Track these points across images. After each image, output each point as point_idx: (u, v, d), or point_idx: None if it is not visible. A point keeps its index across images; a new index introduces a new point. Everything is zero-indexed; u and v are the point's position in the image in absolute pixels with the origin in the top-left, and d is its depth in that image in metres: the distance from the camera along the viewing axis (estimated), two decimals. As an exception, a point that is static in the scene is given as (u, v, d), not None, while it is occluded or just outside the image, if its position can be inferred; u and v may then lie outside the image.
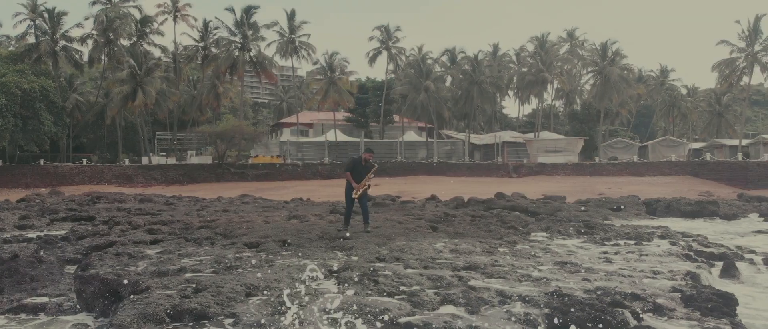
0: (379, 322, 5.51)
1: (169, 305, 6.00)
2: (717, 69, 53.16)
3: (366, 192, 11.95)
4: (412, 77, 52.14)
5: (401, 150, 51.62)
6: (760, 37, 49.33)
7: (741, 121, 57.15)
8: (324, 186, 44.24)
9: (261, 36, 50.56)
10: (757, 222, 20.43)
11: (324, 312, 5.49)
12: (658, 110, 66.95)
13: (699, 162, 48.97)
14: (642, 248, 11.75)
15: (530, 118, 69.99)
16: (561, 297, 6.66)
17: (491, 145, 52.27)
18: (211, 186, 45.54)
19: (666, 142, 56.37)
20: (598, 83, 52.34)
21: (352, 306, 5.84)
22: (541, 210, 20.30)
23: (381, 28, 56.72)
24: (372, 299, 6.42)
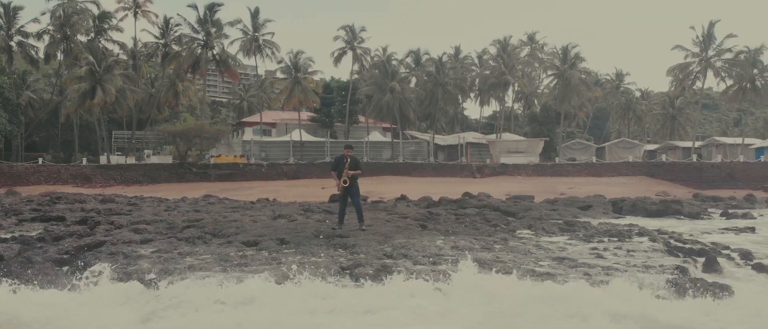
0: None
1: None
2: (671, 73, 55.05)
3: (356, 189, 12.09)
4: (377, 78, 52.28)
5: (367, 150, 51.69)
6: (713, 43, 51.33)
7: (694, 123, 59.32)
8: (290, 186, 43.97)
9: (224, 34, 49.88)
10: (720, 221, 21.28)
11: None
12: (614, 113, 68.89)
13: (655, 163, 50.63)
14: (625, 244, 12.18)
15: (490, 119, 71.06)
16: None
17: (455, 145, 52.90)
18: (173, 186, 44.64)
19: (622, 143, 58.07)
20: (559, 86, 53.53)
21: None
22: (513, 209, 20.70)
23: (346, 28, 56.72)
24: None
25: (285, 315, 5.74)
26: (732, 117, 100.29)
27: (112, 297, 6.45)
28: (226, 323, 5.61)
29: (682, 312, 6.20)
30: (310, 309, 5.97)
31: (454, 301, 6.25)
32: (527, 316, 5.68)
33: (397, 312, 5.88)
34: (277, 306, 5.95)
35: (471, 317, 5.81)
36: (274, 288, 6.61)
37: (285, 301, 6.11)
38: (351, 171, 11.90)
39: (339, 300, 6.26)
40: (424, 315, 5.86)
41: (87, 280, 6.77)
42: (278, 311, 5.85)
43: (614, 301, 6.13)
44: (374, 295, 6.39)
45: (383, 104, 50.70)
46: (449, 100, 53.58)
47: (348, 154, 12.06)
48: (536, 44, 63.90)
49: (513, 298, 6.04)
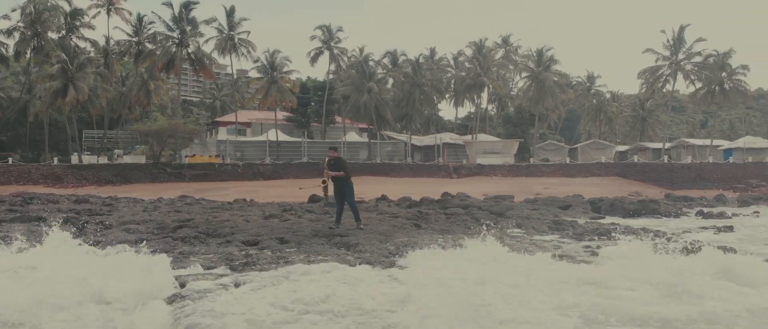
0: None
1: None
2: (643, 76, 56.19)
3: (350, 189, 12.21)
4: (355, 78, 52.22)
5: (344, 150, 51.59)
6: (683, 47, 52.55)
7: (663, 125, 60.64)
8: (267, 186, 43.66)
9: (200, 32, 49.26)
10: (697, 220, 21.85)
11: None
12: (585, 114, 70.00)
13: (627, 163, 51.63)
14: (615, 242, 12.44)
15: (464, 120, 71.56)
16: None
17: (431, 146, 53.16)
18: (147, 186, 43.95)
19: (594, 144, 59.06)
20: (533, 88, 54.18)
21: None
22: (496, 208, 20.94)
23: (323, 28, 56.56)
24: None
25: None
26: (698, 119, 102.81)
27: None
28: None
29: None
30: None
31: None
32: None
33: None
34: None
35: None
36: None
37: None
38: (332, 172, 12.06)
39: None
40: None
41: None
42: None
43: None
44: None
45: (361, 104, 50.68)
46: (426, 100, 53.83)
47: (331, 155, 12.43)
48: (510, 46, 64.58)
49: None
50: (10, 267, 7.15)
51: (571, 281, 6.90)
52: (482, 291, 6.21)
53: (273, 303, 5.78)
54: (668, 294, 6.57)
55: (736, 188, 43.40)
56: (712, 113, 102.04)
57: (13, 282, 6.60)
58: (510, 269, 7.30)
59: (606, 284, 6.89)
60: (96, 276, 6.58)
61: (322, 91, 57.43)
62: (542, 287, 6.58)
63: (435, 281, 6.56)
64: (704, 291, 6.75)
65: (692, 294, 6.62)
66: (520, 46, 65.27)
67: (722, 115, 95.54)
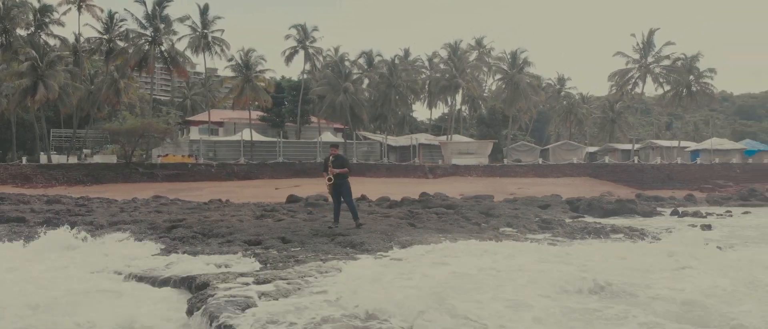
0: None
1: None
2: (613, 78, 57.36)
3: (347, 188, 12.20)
4: (331, 78, 52.13)
5: (320, 150, 51.47)
6: (653, 50, 53.83)
7: (631, 127, 61.97)
8: (242, 187, 43.26)
9: (173, 30, 48.61)
10: (672, 219, 22.43)
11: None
12: (556, 116, 71.12)
13: (598, 164, 52.63)
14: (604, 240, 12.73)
15: (437, 121, 72.09)
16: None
17: (407, 146, 53.39)
18: (119, 186, 43.16)
19: (565, 145, 60.05)
20: (507, 89, 54.84)
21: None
22: (477, 208, 21.17)
23: (298, 28, 56.27)
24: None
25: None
26: (663, 121, 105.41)
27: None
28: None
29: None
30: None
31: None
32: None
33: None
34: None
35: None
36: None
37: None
38: (336, 169, 12.01)
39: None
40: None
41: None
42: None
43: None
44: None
45: (337, 104, 50.62)
46: (402, 101, 54.04)
47: (333, 152, 12.25)
48: (483, 48, 65.27)
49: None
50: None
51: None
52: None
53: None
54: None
55: (704, 188, 44.58)
56: (677, 115, 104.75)
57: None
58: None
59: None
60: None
61: (297, 91, 57.12)
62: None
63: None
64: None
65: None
66: (494, 48, 66.08)
67: (687, 117, 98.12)
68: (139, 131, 44.96)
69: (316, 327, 5.07)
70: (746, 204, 30.91)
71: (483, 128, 60.48)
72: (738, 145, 59.24)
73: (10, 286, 7.02)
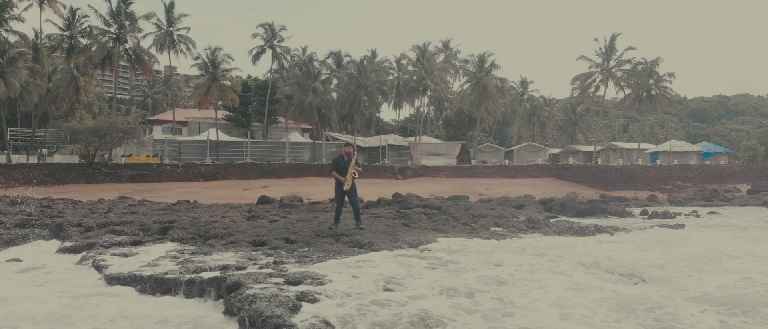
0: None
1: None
2: (576, 82, 58.61)
3: (354, 188, 12.14)
4: (299, 78, 51.79)
5: (288, 151, 51.10)
6: (614, 55, 55.21)
7: (593, 129, 63.43)
8: (209, 188, 42.67)
9: (138, 27, 47.52)
10: (643, 219, 23.08)
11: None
12: (519, 118, 72.25)
13: (562, 165, 53.73)
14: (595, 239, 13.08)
15: (404, 122, 72.46)
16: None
17: (376, 147, 53.44)
18: (82, 187, 42.01)
19: (529, 147, 61.10)
20: (475, 91, 55.47)
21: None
22: (454, 208, 21.40)
23: (266, 26, 55.72)
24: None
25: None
26: (620, 123, 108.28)
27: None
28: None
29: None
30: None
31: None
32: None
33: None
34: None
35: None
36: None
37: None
38: (354, 169, 11.93)
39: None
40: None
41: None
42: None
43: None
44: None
45: (305, 105, 50.34)
46: (371, 102, 54.09)
47: (347, 150, 12.11)
48: (450, 51, 65.87)
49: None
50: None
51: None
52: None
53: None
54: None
55: (664, 189, 46.00)
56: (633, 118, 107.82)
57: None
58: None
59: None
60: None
61: (264, 90, 56.53)
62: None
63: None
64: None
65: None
66: (460, 51, 66.76)
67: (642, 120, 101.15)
68: (103, 130, 43.83)
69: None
70: (709, 204, 32.02)
71: (450, 129, 61.01)
72: (695, 147, 61.28)
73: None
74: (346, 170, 12.00)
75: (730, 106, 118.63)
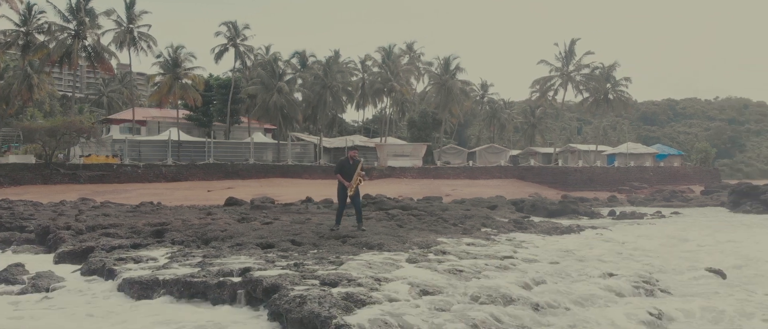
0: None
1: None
2: (536, 85, 59.87)
3: (358, 191, 12.20)
4: (264, 77, 51.23)
5: (252, 151, 50.50)
6: (574, 59, 56.61)
7: (551, 131, 64.87)
8: (171, 189, 41.83)
9: (98, 24, 46.19)
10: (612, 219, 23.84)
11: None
12: (480, 120, 73.28)
13: (525, 167, 54.78)
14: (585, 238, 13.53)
15: (367, 123, 72.60)
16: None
17: (341, 148, 53.21)
18: (40, 188, 40.60)
19: (491, 149, 62.06)
20: (441, 94, 56.02)
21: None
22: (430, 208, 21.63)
23: (229, 25, 54.88)
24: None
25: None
26: (574, 126, 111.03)
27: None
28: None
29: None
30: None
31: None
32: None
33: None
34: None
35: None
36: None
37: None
38: (358, 176, 11.94)
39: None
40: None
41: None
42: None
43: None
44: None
45: (270, 105, 49.86)
46: (336, 102, 53.98)
47: (352, 155, 12.12)
48: (414, 53, 66.30)
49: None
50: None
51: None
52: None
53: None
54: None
55: (622, 190, 47.42)
56: (586, 120, 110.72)
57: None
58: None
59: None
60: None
61: (226, 90, 55.69)
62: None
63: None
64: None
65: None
66: (424, 53, 67.22)
67: (595, 123, 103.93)
68: (61, 130, 42.47)
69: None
70: (670, 205, 33.26)
71: (414, 131, 61.45)
72: (650, 149, 63.38)
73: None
74: (351, 175, 12.00)
75: (678, 110, 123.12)
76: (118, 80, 77.09)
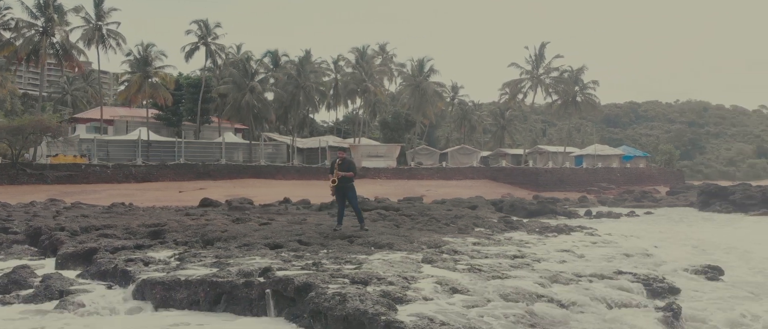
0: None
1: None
2: (506, 87, 60.74)
3: (353, 191, 12.36)
4: (236, 76, 50.76)
5: (223, 152, 49.95)
6: (543, 62, 57.60)
7: (520, 133, 65.81)
8: (142, 189, 41.19)
9: (66, 21, 45.13)
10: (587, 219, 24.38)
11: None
12: (451, 122, 73.95)
13: (497, 168, 55.53)
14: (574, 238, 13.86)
15: (338, 124, 72.56)
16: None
17: (314, 149, 53.19)
18: (6, 189, 39.46)
19: (462, 150, 62.72)
20: (415, 95, 56.36)
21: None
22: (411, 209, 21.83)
23: (200, 23, 54.17)
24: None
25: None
26: (539, 127, 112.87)
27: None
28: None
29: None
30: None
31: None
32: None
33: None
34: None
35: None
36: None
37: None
38: (341, 172, 12.18)
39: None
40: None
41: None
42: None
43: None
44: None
45: (242, 104, 49.41)
46: (309, 102, 53.80)
47: (341, 156, 12.39)
48: (387, 54, 66.55)
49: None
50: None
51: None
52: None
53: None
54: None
55: (591, 190, 48.49)
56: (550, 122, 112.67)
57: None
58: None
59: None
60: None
61: (196, 89, 54.95)
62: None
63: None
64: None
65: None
66: (396, 55, 67.49)
67: (559, 125, 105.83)
68: (27, 128, 41.36)
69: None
70: (641, 205, 34.13)
71: (387, 132, 61.67)
72: (617, 150, 64.92)
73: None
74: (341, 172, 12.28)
75: (640, 112, 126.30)
76: (82, 78, 75.36)
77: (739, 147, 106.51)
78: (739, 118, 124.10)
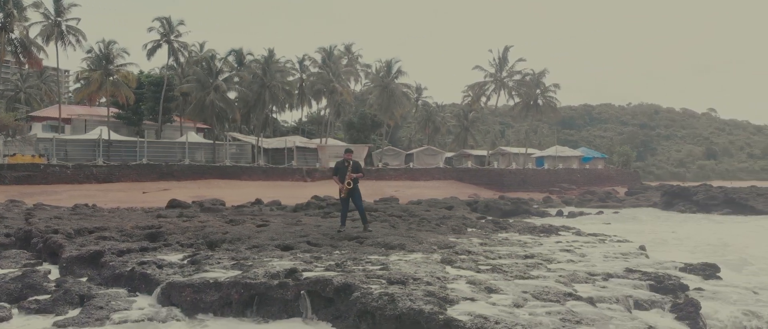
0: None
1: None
2: (470, 89, 61.50)
3: (358, 192, 12.41)
4: (200, 75, 49.92)
5: (187, 152, 49.06)
6: (507, 65, 58.55)
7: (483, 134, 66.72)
8: (103, 190, 40.18)
9: (25, 16, 43.60)
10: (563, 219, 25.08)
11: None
12: (415, 123, 74.46)
13: (463, 169, 56.21)
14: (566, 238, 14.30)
15: (301, 124, 72.16)
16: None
17: (280, 149, 52.71)
18: (-40, 189, 38.01)
19: (428, 151, 63.24)
20: (383, 96, 56.49)
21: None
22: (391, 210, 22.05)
23: (162, 20, 53.05)
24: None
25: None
26: (498, 129, 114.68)
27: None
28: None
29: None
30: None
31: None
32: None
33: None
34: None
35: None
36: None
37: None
38: (354, 174, 12.21)
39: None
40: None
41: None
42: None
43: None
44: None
45: (207, 103, 48.67)
46: (276, 102, 53.34)
47: (349, 157, 12.34)
48: (352, 55, 66.54)
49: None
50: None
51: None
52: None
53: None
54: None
55: (553, 191, 49.62)
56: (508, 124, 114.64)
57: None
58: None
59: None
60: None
61: (158, 87, 53.80)
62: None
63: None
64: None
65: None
66: (362, 55, 67.57)
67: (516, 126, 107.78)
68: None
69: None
70: (606, 205, 35.12)
71: (353, 132, 61.62)
72: (577, 152, 66.57)
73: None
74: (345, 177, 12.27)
75: (594, 114, 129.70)
76: (37, 75, 72.88)
77: (688, 148, 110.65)
78: (689, 121, 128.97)
